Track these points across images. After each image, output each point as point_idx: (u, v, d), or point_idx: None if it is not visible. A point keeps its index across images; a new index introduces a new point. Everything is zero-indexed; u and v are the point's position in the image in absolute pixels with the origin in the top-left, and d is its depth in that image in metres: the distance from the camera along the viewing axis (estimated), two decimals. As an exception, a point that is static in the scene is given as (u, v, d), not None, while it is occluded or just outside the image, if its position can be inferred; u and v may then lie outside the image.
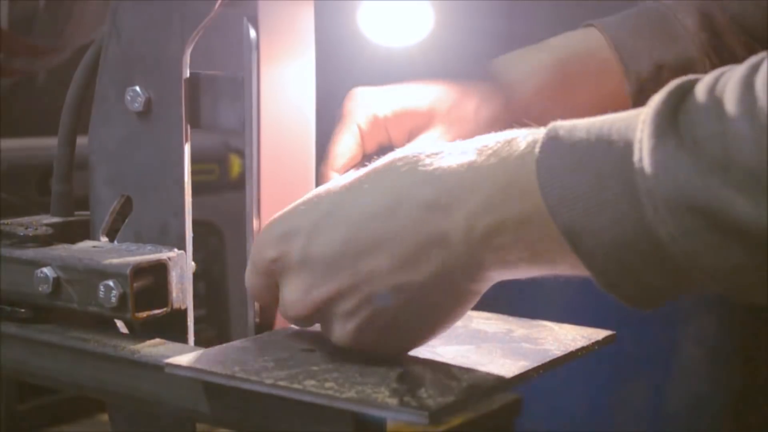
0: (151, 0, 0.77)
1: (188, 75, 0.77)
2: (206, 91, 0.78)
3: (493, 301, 0.81)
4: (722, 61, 0.90)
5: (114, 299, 0.73)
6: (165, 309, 0.76)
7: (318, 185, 0.81)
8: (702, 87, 0.57)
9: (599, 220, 0.59)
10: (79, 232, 0.83)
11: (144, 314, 0.74)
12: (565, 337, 0.75)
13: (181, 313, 0.77)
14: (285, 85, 0.78)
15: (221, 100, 0.77)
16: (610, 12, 0.93)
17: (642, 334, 1.83)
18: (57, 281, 0.76)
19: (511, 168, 0.63)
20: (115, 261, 0.74)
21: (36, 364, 0.79)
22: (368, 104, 0.87)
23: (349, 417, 0.63)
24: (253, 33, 0.75)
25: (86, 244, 0.81)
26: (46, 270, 0.77)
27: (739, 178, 0.54)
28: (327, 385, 0.63)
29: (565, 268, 0.63)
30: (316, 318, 0.70)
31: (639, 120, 0.58)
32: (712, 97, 0.56)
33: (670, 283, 0.60)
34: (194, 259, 0.79)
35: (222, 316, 1.42)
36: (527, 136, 0.64)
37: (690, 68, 0.89)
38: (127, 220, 0.80)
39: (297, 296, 0.69)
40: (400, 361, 0.68)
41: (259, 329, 0.77)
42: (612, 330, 0.77)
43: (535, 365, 0.69)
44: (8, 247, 0.80)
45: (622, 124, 0.59)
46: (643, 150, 0.57)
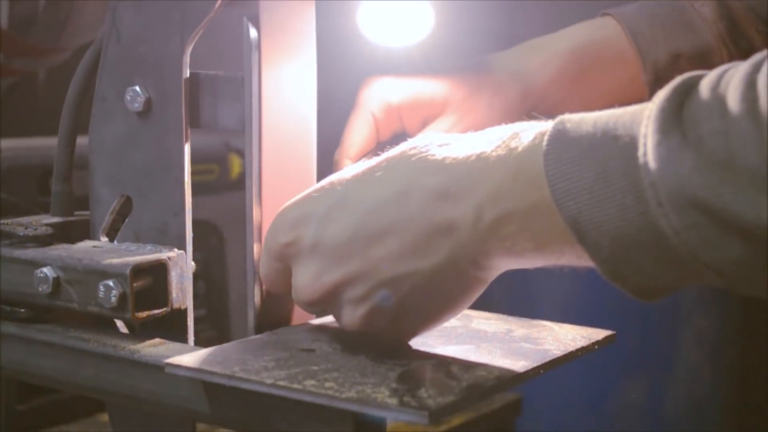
0: (151, 0, 0.77)
1: (188, 75, 0.77)
2: (206, 91, 0.78)
3: (493, 301, 0.81)
4: (739, 50, 0.90)
5: (114, 299, 0.73)
6: (165, 309, 0.76)
7: (333, 172, 0.82)
8: (706, 84, 0.58)
9: (604, 212, 0.60)
10: (79, 232, 0.83)
11: (144, 314, 0.74)
12: (565, 337, 0.75)
13: (181, 313, 0.77)
14: (285, 85, 0.78)
15: (221, 100, 0.77)
16: (619, 6, 0.93)
17: (642, 334, 1.83)
18: (57, 281, 0.76)
19: (519, 159, 0.64)
20: (115, 261, 0.74)
21: (36, 364, 0.79)
22: (383, 93, 0.87)
23: (349, 417, 0.63)
24: (253, 33, 0.75)
25: (86, 244, 0.81)
26: (46, 270, 0.77)
27: (740, 176, 0.55)
28: (327, 385, 0.63)
29: (570, 258, 0.64)
30: (327, 303, 0.71)
31: (644, 115, 0.59)
32: (716, 94, 0.57)
33: (672, 275, 0.60)
34: (194, 259, 0.79)
35: (222, 316, 1.42)
36: (535, 128, 0.65)
37: (707, 57, 0.89)
38: (127, 220, 0.80)
39: (308, 281, 0.70)
40: (400, 361, 0.68)
41: (259, 329, 0.77)
42: (612, 330, 0.77)
43: (535, 365, 0.69)
44: (8, 247, 0.80)
45: (628, 118, 0.60)
46: (647, 145, 0.58)
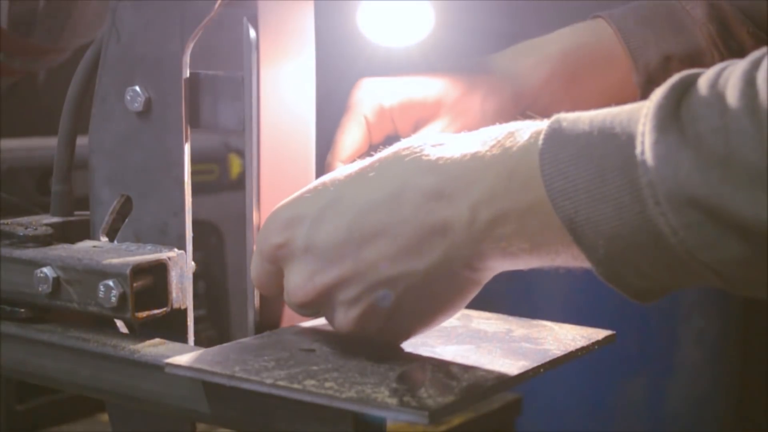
0: (151, 0, 0.77)
1: (188, 75, 0.77)
2: (206, 91, 0.78)
3: (493, 301, 0.81)
4: (730, 51, 0.90)
5: (114, 299, 0.73)
6: (165, 309, 0.76)
7: (323, 175, 0.82)
8: (704, 81, 0.58)
9: (600, 212, 0.59)
10: (79, 232, 0.83)
11: (144, 314, 0.74)
12: (565, 337, 0.75)
13: (181, 313, 0.77)
14: (285, 85, 0.78)
15: (221, 100, 0.77)
16: (613, 8, 0.93)
17: (642, 333, 1.83)
18: (57, 281, 0.76)
19: (514, 159, 0.63)
20: (115, 261, 0.74)
21: (36, 364, 0.79)
22: (375, 95, 0.87)
23: (349, 417, 0.63)
24: (253, 33, 0.75)
25: (86, 244, 0.81)
26: (46, 270, 0.77)
27: (739, 174, 0.55)
28: (327, 385, 0.63)
29: (566, 259, 0.64)
30: (319, 305, 0.71)
31: (641, 113, 0.59)
32: (714, 91, 0.56)
33: (669, 275, 0.60)
34: (194, 259, 0.79)
35: (222, 316, 1.42)
36: (530, 127, 0.64)
37: (698, 59, 0.89)
38: (127, 220, 0.80)
39: (300, 282, 0.70)
40: (400, 361, 0.68)
41: (259, 329, 0.77)
42: (612, 330, 0.77)
43: (535, 365, 0.69)
44: (8, 247, 0.80)
45: (625, 117, 0.60)
46: (645, 143, 0.57)
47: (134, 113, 0.78)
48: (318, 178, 0.76)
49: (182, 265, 0.77)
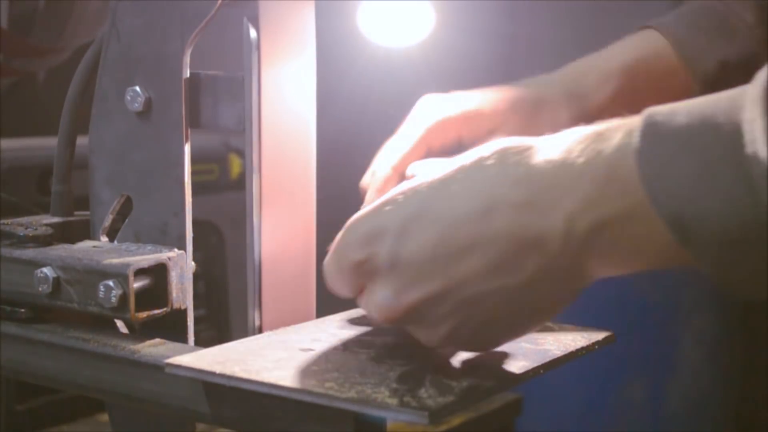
0: (151, 0, 0.77)
1: (188, 75, 0.77)
2: (206, 91, 0.78)
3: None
4: None
5: (114, 299, 0.73)
6: (165, 309, 0.76)
7: (367, 175, 0.81)
8: None
9: (710, 209, 0.56)
10: (79, 232, 0.83)
11: (144, 314, 0.74)
12: (565, 337, 0.75)
13: (181, 313, 0.77)
14: (285, 85, 0.78)
15: (221, 100, 0.77)
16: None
17: (642, 334, 1.83)
18: (57, 281, 0.77)
19: (608, 162, 0.60)
20: (115, 261, 0.74)
21: (36, 364, 0.79)
22: (438, 106, 0.85)
23: (349, 417, 0.63)
24: (253, 33, 0.75)
25: (86, 244, 0.81)
26: (46, 270, 0.77)
27: None
28: (327, 385, 0.63)
29: (672, 262, 0.61)
30: (407, 322, 0.68)
31: (745, 99, 0.55)
32: None
33: None
34: (194, 259, 0.79)
35: (222, 316, 1.42)
36: (621, 126, 0.61)
37: (753, 63, 0.88)
38: (127, 220, 0.80)
39: (387, 301, 0.67)
40: (400, 361, 0.68)
41: (259, 329, 0.77)
42: (612, 330, 0.77)
43: (535, 365, 0.69)
44: (8, 247, 0.80)
45: (726, 104, 0.56)
46: (755, 131, 0.54)
47: (134, 113, 0.78)
48: (319, 177, 0.75)
49: (182, 265, 0.77)
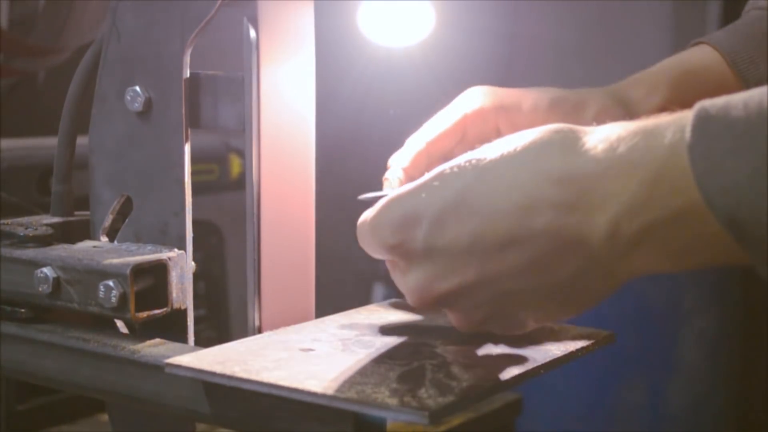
0: (151, 0, 0.77)
1: (188, 75, 0.77)
2: (206, 91, 0.78)
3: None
4: None
5: (114, 299, 0.73)
6: (165, 309, 0.76)
7: (397, 156, 0.80)
8: None
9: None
10: (79, 232, 0.83)
11: (144, 314, 0.74)
12: (565, 337, 0.75)
13: (181, 313, 0.77)
14: (285, 85, 0.78)
15: (221, 100, 0.77)
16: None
17: (642, 334, 1.83)
18: (57, 281, 0.77)
19: (658, 161, 0.58)
20: (115, 261, 0.74)
21: (36, 364, 0.79)
22: (480, 97, 0.83)
23: (349, 417, 0.63)
24: (253, 33, 0.75)
25: (86, 244, 0.81)
26: (46, 270, 0.77)
27: None
28: (327, 384, 0.63)
29: (724, 260, 0.59)
30: (439, 306, 0.69)
31: None
32: None
33: None
34: (194, 259, 0.79)
35: (222, 316, 1.42)
36: (671, 123, 0.59)
37: None
38: (127, 220, 0.80)
39: (419, 286, 0.67)
40: (400, 361, 0.68)
41: (259, 329, 0.77)
42: (612, 330, 0.77)
43: (535, 365, 0.69)
44: (8, 247, 0.80)
45: None
46: None
47: (134, 113, 0.78)
48: (319, 176, 0.74)
49: (182, 265, 0.77)
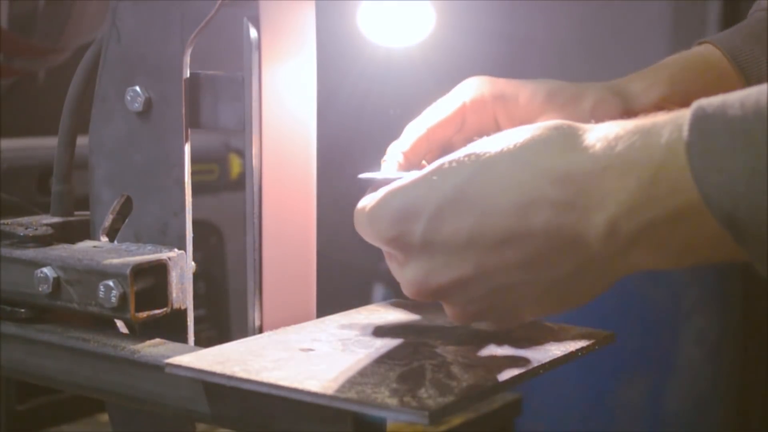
0: (151, 0, 0.77)
1: (188, 75, 0.77)
2: (206, 91, 0.78)
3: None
4: None
5: (114, 299, 0.73)
6: (165, 309, 0.76)
7: (397, 140, 0.80)
8: None
9: (765, 205, 0.54)
10: (79, 232, 0.83)
11: (144, 314, 0.74)
12: (565, 337, 0.75)
13: (181, 313, 0.77)
14: (285, 85, 0.78)
15: (221, 100, 0.77)
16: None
17: (642, 333, 1.83)
18: (57, 281, 0.77)
19: (656, 160, 0.58)
20: (115, 261, 0.74)
21: (36, 364, 0.79)
22: (479, 87, 0.83)
23: (349, 417, 0.63)
24: (253, 33, 0.75)
25: (86, 244, 0.81)
26: (46, 270, 0.77)
27: None
28: (327, 385, 0.63)
29: (721, 258, 0.60)
30: (434, 299, 0.69)
31: None
32: None
33: None
34: (194, 259, 0.79)
35: (222, 316, 1.42)
36: (669, 121, 0.59)
37: None
38: (127, 220, 0.80)
39: (417, 278, 0.68)
40: (400, 361, 0.68)
41: (259, 329, 0.77)
42: (612, 330, 0.77)
43: (535, 365, 0.69)
44: (8, 247, 0.80)
45: None
46: None
47: (134, 113, 0.78)
48: (320, 176, 0.74)
49: (182, 265, 0.77)
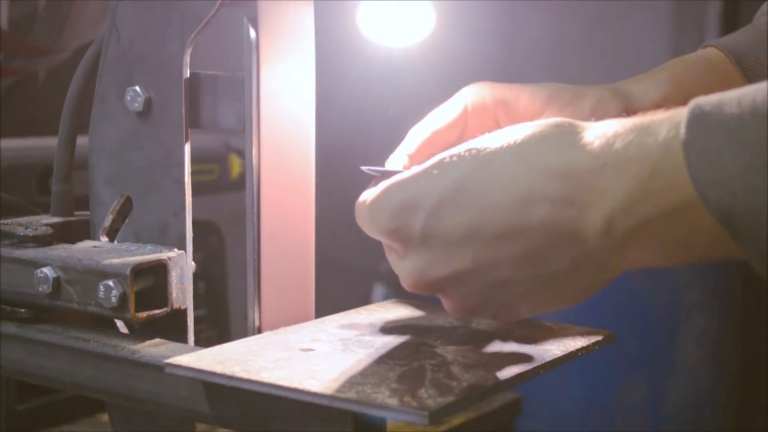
0: (151, 0, 0.77)
1: (188, 75, 0.77)
2: (206, 91, 0.78)
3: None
4: None
5: (114, 299, 0.73)
6: (165, 309, 0.76)
7: (402, 143, 0.80)
8: None
9: (762, 201, 0.55)
10: (79, 232, 0.83)
11: (144, 314, 0.74)
12: (565, 337, 0.75)
13: (181, 313, 0.77)
14: (285, 85, 0.78)
15: (221, 100, 0.77)
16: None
17: (642, 333, 1.83)
18: (57, 281, 0.77)
19: (653, 157, 0.59)
20: (115, 261, 0.74)
21: (36, 364, 0.79)
22: (480, 91, 0.84)
23: (349, 417, 0.63)
24: (253, 33, 0.75)
25: (86, 244, 0.81)
26: (46, 270, 0.77)
27: None
28: (327, 385, 0.63)
29: (719, 254, 0.60)
30: (432, 291, 0.70)
31: None
32: None
33: None
34: (194, 259, 0.79)
35: (222, 316, 1.42)
36: (666, 119, 0.60)
37: None
38: (127, 220, 0.80)
39: (415, 271, 0.68)
40: (400, 361, 0.68)
41: (259, 329, 0.77)
42: (612, 330, 0.77)
43: (535, 365, 0.69)
44: (8, 247, 0.80)
45: None
46: None
47: (134, 113, 0.78)
48: (319, 176, 0.74)
49: (182, 265, 0.77)
